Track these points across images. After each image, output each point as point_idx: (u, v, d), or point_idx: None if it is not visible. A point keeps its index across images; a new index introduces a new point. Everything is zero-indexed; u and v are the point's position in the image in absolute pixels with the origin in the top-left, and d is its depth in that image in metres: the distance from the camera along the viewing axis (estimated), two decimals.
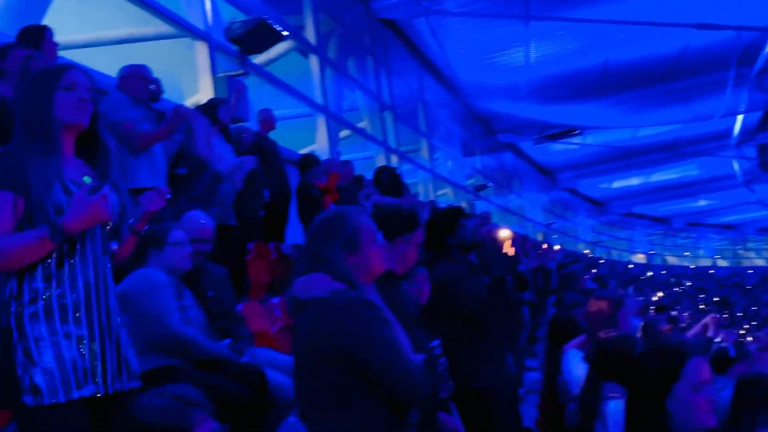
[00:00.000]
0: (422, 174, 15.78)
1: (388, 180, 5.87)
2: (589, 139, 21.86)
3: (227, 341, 2.74)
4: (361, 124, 13.15)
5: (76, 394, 1.61)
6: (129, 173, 3.55)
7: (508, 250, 2.91)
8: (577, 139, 21.28)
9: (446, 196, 17.21)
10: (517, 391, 5.05)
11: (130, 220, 1.87)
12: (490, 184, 18.55)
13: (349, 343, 1.78)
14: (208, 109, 4.89)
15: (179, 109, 3.82)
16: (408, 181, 15.41)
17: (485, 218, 11.84)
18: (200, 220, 3.00)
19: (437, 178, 16.20)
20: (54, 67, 1.84)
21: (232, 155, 4.82)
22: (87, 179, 1.76)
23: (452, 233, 3.22)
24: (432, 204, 10.59)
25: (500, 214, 20.83)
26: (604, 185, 28.37)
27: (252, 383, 2.58)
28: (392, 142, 13.44)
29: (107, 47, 8.55)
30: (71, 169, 1.77)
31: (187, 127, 3.93)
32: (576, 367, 3.09)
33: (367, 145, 13.42)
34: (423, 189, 15.55)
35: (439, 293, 3.09)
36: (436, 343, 2.71)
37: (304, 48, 10.49)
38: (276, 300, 4.20)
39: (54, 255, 1.66)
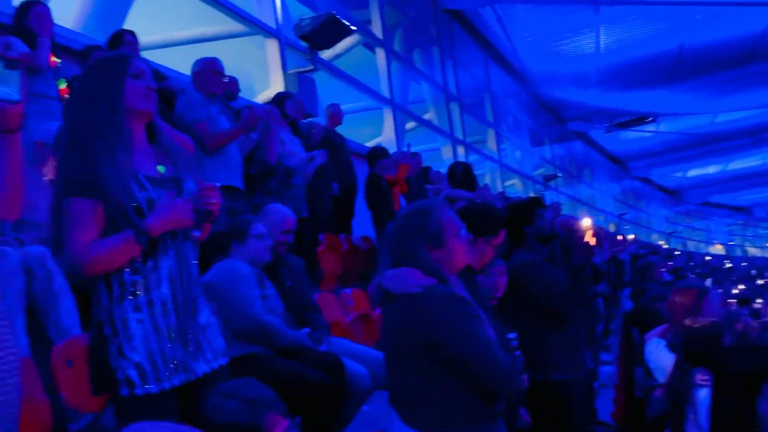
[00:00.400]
0: (489, 165, 15.61)
1: (462, 174, 5.85)
2: (663, 126, 21.10)
3: (306, 330, 2.81)
4: (427, 116, 13.13)
5: (166, 385, 1.68)
6: (205, 172, 3.59)
7: (590, 239, 2.86)
8: (650, 127, 20.59)
9: (514, 187, 16.99)
10: (593, 384, 4.96)
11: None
12: (560, 174, 18.19)
13: (442, 337, 1.82)
14: (276, 103, 4.98)
15: (254, 110, 3.84)
16: (475, 172, 15.32)
17: (556, 208, 11.64)
18: (283, 211, 3.09)
19: (505, 169, 16.00)
20: (121, 54, 1.87)
21: (301, 149, 4.91)
22: (161, 168, 1.78)
23: (530, 223, 3.20)
24: (502, 195, 10.49)
25: (570, 205, 20.40)
26: (679, 174, 27.35)
27: (331, 371, 2.64)
28: (459, 133, 13.36)
29: (182, 47, 8.88)
30: (143, 160, 1.76)
31: (264, 127, 3.95)
32: (660, 355, 3.03)
33: (433, 136, 13.39)
34: (490, 180, 15.40)
35: (516, 284, 3.08)
36: (512, 335, 2.70)
37: (370, 41, 10.56)
38: (348, 291, 4.27)
39: (141, 252, 1.69)
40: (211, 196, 1.74)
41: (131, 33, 4.17)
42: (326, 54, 9.79)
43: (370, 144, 11.48)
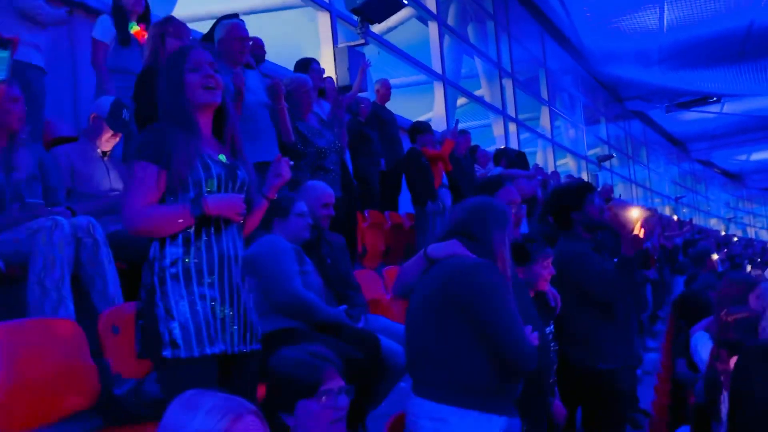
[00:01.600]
0: (542, 143, 15.34)
1: (515, 158, 5.73)
2: (727, 107, 20.26)
3: (343, 307, 2.85)
4: (479, 92, 12.94)
5: (208, 351, 1.76)
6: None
7: (638, 231, 2.77)
8: (713, 108, 19.80)
9: (566, 167, 16.67)
10: (636, 371, 4.89)
11: (264, 189, 1.97)
12: (615, 155, 17.73)
13: (475, 300, 1.94)
14: (298, 69, 4.82)
15: (272, 84, 3.66)
16: (526, 149, 15.07)
17: (608, 191, 11.37)
18: (322, 186, 3.12)
19: (557, 147, 15.69)
20: (179, 50, 1.94)
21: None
22: (222, 157, 1.89)
23: (579, 209, 3.11)
24: (555, 175, 10.30)
25: (625, 186, 19.91)
26: (742, 157, 26.28)
27: (367, 348, 2.67)
28: (511, 110, 13.14)
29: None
30: (208, 148, 1.87)
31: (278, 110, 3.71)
32: (704, 348, 2.97)
33: (485, 112, 13.21)
34: (542, 158, 15.15)
35: (562, 273, 3.02)
36: (549, 329, 2.68)
37: (424, 15, 10.43)
38: (388, 268, 4.28)
39: (193, 227, 1.79)
40: (282, 168, 1.94)
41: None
42: (379, 27, 9.73)
43: (420, 119, 11.44)
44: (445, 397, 1.94)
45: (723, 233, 20.45)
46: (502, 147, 6.95)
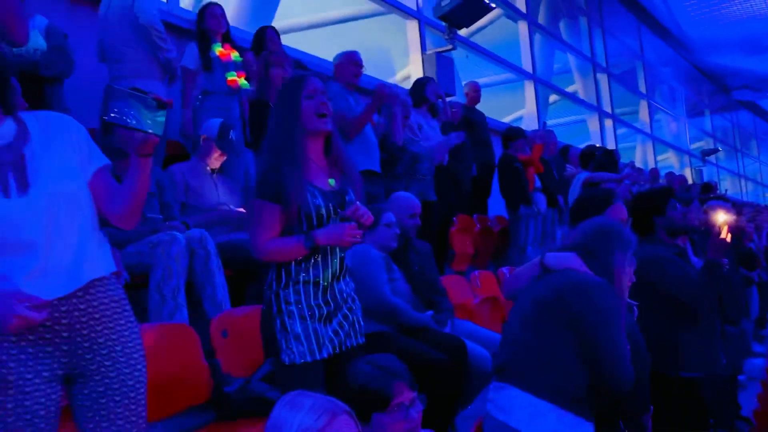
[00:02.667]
0: (641, 138, 14.81)
1: (603, 159, 5.65)
2: None
3: (430, 312, 2.99)
4: (573, 87, 12.68)
5: (318, 356, 2.00)
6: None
7: (725, 236, 2.73)
8: None
9: (668, 162, 16.00)
10: (736, 378, 4.72)
11: (346, 211, 2.08)
12: (721, 148, 16.82)
13: (590, 316, 2.01)
14: (416, 88, 5.14)
15: (381, 88, 3.99)
16: (624, 145, 14.58)
17: (710, 189, 10.84)
18: (408, 197, 3.28)
19: (658, 142, 15.09)
20: (297, 78, 2.14)
21: (437, 133, 5.04)
22: (332, 182, 2.09)
23: (661, 214, 3.10)
24: (654, 173, 9.95)
25: (733, 181, 18.84)
26: None
27: (452, 351, 2.79)
28: (606, 105, 12.79)
29: (327, 27, 9.29)
30: (318, 173, 2.06)
31: (389, 114, 4.13)
32: None
33: (579, 108, 12.93)
34: (641, 154, 14.63)
35: (643, 278, 3.01)
36: None
37: (513, 15, 10.37)
38: (476, 273, 4.37)
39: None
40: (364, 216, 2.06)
41: (273, 29, 4.47)
42: (467, 28, 9.75)
43: (510, 118, 11.36)
44: (545, 394, 2.01)
45: None
46: (588, 146, 6.80)
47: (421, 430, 1.93)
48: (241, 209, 3.22)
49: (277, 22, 7.98)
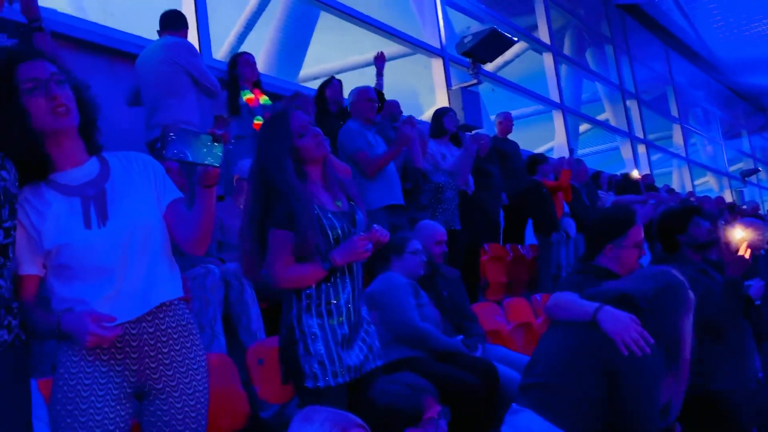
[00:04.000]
0: (677, 162, 14.64)
1: (623, 182, 5.68)
2: None
3: (460, 337, 3.04)
4: (603, 116, 12.69)
5: (341, 380, 2.02)
6: (368, 196, 3.88)
7: (744, 252, 2.73)
8: None
9: (707, 185, 15.73)
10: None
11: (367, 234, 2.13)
12: (761, 168, 16.48)
13: (624, 371, 2.00)
14: (435, 119, 5.17)
15: (402, 130, 4.07)
16: (660, 171, 14.42)
17: (754, 209, 10.64)
18: (433, 225, 3.37)
19: (694, 166, 14.89)
20: (281, 115, 2.13)
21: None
22: (339, 203, 2.15)
23: (683, 231, 3.12)
24: (691, 195, 9.84)
25: None
26: None
27: (484, 375, 2.82)
28: (638, 131, 12.73)
29: (357, 70, 9.56)
30: (323, 196, 2.11)
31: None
32: None
33: (611, 136, 12.90)
34: (678, 178, 14.45)
35: None
36: None
37: (537, 47, 10.52)
38: (509, 299, 4.39)
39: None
40: (381, 240, 2.10)
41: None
42: (495, 62, 9.89)
43: (541, 149, 11.40)
44: (563, 423, 2.01)
45: None
46: (619, 173, 6.82)
47: None
48: None
49: (308, 69, 8.28)
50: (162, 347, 1.63)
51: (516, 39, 7.19)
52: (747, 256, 2.71)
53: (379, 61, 5.52)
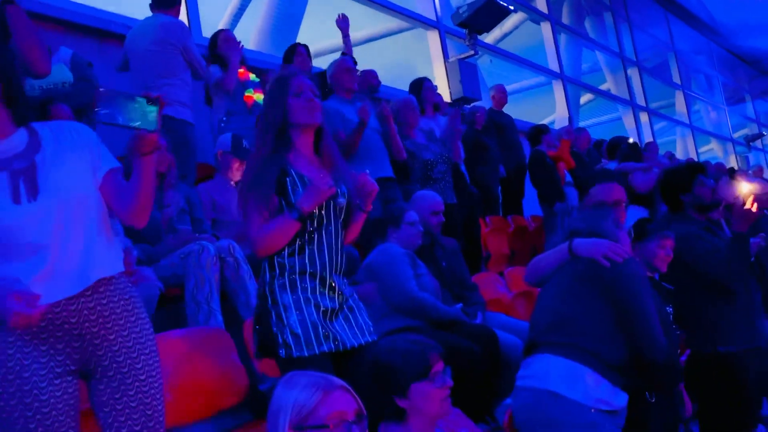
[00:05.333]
0: (680, 130, 14.51)
1: (627, 150, 5.60)
2: None
3: (459, 305, 3.02)
4: (605, 86, 12.56)
5: (317, 350, 1.89)
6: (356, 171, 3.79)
7: (750, 205, 2.69)
8: None
9: (712, 153, 15.61)
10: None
11: (359, 203, 2.09)
12: (765, 132, 16.33)
13: (623, 287, 2.09)
14: (413, 90, 5.00)
15: (363, 109, 3.80)
16: (664, 139, 14.30)
17: (758, 172, 10.56)
18: (430, 195, 3.34)
19: (698, 133, 14.76)
20: (283, 76, 2.09)
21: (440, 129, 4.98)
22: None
23: (688, 191, 3.07)
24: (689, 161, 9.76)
25: None
26: None
27: (484, 342, 2.81)
28: (640, 100, 12.61)
29: (354, 48, 9.47)
30: (308, 167, 2.02)
31: (388, 131, 4.03)
32: None
33: (614, 105, 12.79)
34: (682, 146, 14.33)
35: (676, 255, 3.00)
36: (669, 309, 2.68)
37: (535, 17, 10.39)
38: (510, 269, 4.38)
39: (297, 240, 1.95)
40: (366, 184, 2.02)
41: (304, 46, 4.63)
42: (493, 35, 9.76)
43: (544, 121, 11.30)
44: (585, 360, 2.02)
45: None
46: (614, 138, 6.75)
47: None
48: None
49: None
50: (105, 323, 1.57)
51: (512, 8, 7.07)
52: (754, 209, 2.67)
53: (342, 23, 5.36)
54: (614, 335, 2.07)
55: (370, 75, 5.26)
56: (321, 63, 5.19)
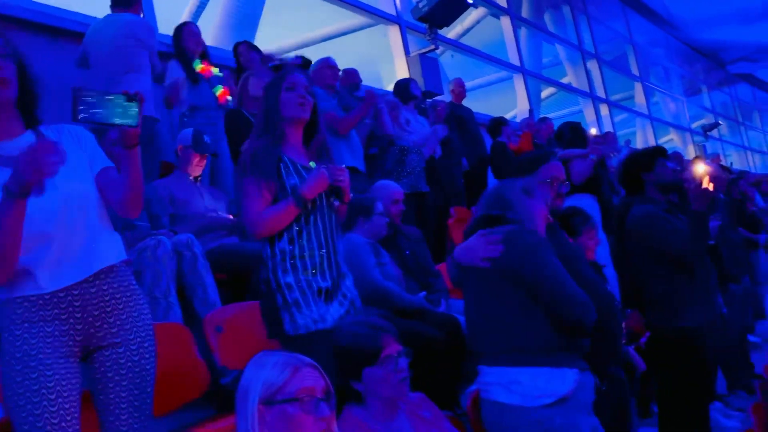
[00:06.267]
0: (640, 121, 14.79)
1: (569, 134, 5.68)
2: None
3: (422, 294, 3.03)
4: (566, 80, 12.73)
5: (321, 326, 2.06)
6: (333, 156, 3.96)
7: (707, 185, 2.76)
8: None
9: (672, 144, 15.93)
10: (745, 336, 4.71)
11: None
12: (721, 122, 16.73)
13: (518, 264, 2.02)
14: (402, 88, 5.21)
15: (370, 92, 4.20)
16: (625, 131, 14.55)
17: (716, 159, 10.82)
18: (389, 185, 3.35)
19: (657, 124, 15.06)
20: (281, 73, 2.28)
21: (425, 127, 5.11)
22: (312, 164, 2.21)
23: (650, 170, 3.12)
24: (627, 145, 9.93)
25: (739, 154, 18.72)
26: None
27: (447, 329, 2.83)
28: (600, 92, 12.81)
29: (316, 46, 9.45)
30: (299, 156, 2.20)
31: (375, 111, 4.30)
32: None
33: (576, 99, 12.97)
34: (642, 137, 14.61)
35: (637, 235, 3.04)
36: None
37: (495, 11, 10.47)
38: None
39: (295, 226, 2.11)
40: (340, 175, 2.16)
41: (245, 44, 4.65)
42: (455, 30, 9.81)
43: (506, 117, 11.42)
44: (514, 360, 2.01)
45: None
46: (560, 125, 6.84)
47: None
48: (230, 216, 3.29)
49: (263, 47, 8.14)
50: (105, 307, 1.68)
51: (471, 1, 7.12)
52: (710, 188, 2.73)
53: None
54: (535, 319, 2.01)
55: (352, 74, 5.35)
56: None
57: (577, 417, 2.00)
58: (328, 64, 4.39)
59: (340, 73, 4.46)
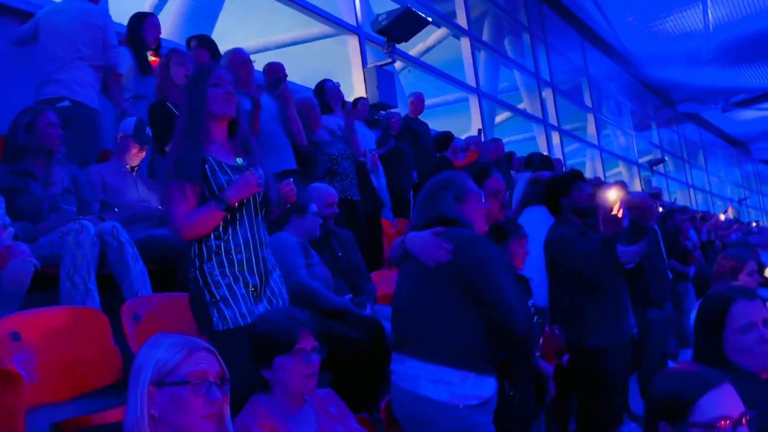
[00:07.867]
0: (590, 152, 15.20)
1: (539, 162, 5.83)
2: None
3: (349, 296, 3.06)
4: (521, 106, 13.02)
5: (249, 321, 2.07)
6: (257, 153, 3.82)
7: (617, 212, 2.87)
8: None
9: (619, 176, 16.41)
10: (665, 361, 4.87)
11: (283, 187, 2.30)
12: (666, 158, 17.34)
13: (471, 269, 2.07)
14: (316, 94, 5.08)
15: (280, 92, 4.00)
16: (574, 161, 14.94)
17: (657, 193, 11.19)
18: (324, 188, 3.38)
19: (607, 155, 15.51)
20: (205, 67, 2.27)
21: (370, 142, 5.11)
22: (239, 160, 2.22)
23: (566, 195, 3.26)
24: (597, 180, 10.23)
25: (683, 192, 19.40)
26: None
27: (370, 332, 2.85)
28: (552, 120, 13.14)
29: (271, 52, 9.43)
30: (225, 153, 2.20)
31: (284, 114, 4.07)
32: None
33: (529, 125, 13.26)
34: (591, 168, 15.01)
35: (552, 256, 3.18)
36: (531, 301, 2.81)
37: (455, 32, 10.67)
38: None
39: (221, 223, 2.13)
40: (288, 192, 2.27)
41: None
42: (416, 48, 9.92)
43: (464, 137, 11.59)
44: (447, 360, 2.06)
45: None
46: (530, 153, 7.02)
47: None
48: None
49: (223, 47, 8.09)
50: None
51: (431, 19, 7.25)
52: (620, 215, 2.85)
53: None
54: (471, 323, 2.07)
55: (277, 68, 5.19)
56: None
57: (488, 417, 2.13)
58: (240, 59, 4.00)
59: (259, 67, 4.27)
